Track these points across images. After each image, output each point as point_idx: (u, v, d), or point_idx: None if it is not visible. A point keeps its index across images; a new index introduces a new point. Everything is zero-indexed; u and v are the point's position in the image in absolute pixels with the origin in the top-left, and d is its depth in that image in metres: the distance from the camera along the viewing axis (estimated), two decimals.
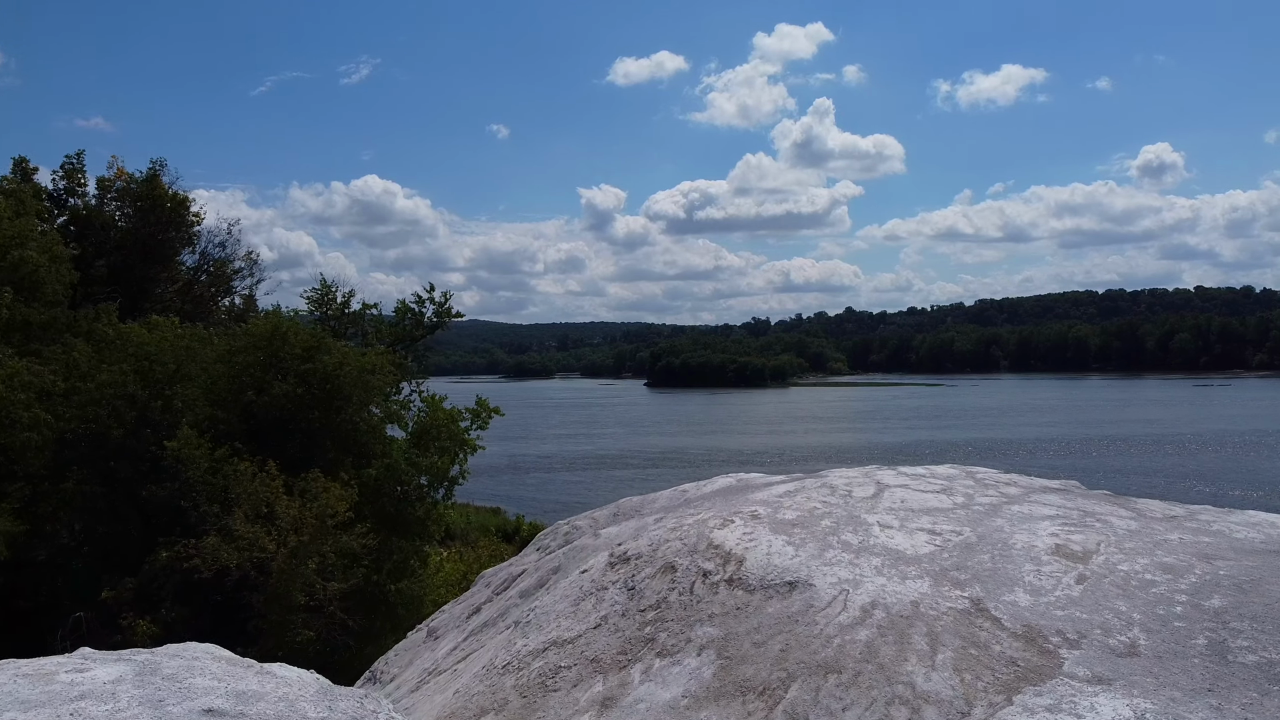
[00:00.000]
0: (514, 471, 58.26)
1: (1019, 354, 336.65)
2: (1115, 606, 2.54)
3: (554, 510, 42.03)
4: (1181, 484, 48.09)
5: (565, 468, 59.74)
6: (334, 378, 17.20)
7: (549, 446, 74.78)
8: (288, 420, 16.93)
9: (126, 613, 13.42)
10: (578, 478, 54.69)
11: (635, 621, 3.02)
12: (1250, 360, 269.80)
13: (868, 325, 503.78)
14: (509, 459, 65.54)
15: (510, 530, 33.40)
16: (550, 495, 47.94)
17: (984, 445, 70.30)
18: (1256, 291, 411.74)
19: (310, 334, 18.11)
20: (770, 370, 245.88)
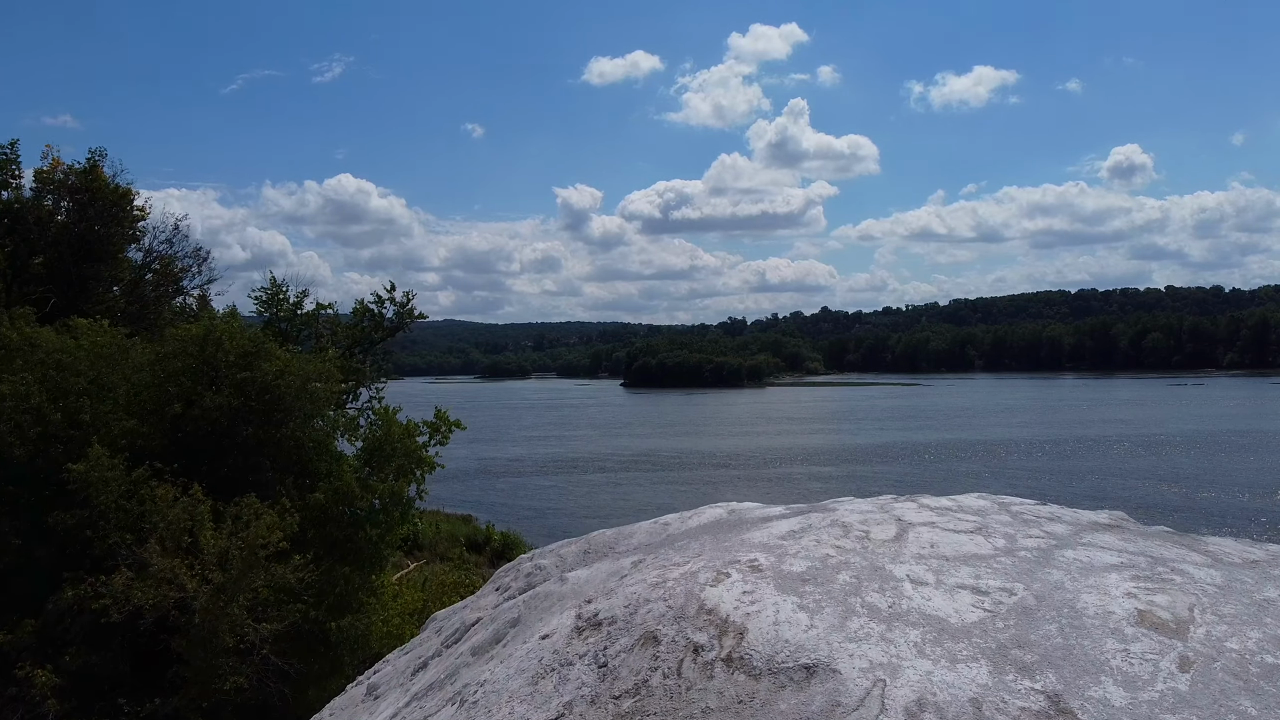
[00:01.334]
0: (484, 476, 56.61)
1: (993, 353, 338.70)
2: (1241, 708, 1.90)
3: (524, 518, 40.49)
4: (1162, 486, 47.26)
5: (536, 471, 58.14)
6: (274, 387, 15.53)
7: (520, 449, 73.13)
8: (221, 436, 15.27)
9: (24, 660, 11.74)
10: (549, 483, 53.13)
11: (608, 713, 2.31)
12: (1221, 359, 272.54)
13: (843, 325, 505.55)
14: (479, 463, 63.85)
15: (480, 540, 31.77)
16: (521, 501, 46.38)
17: (960, 446, 69.41)
18: (1226, 291, 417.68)
19: (248, 338, 16.36)
20: (747, 370, 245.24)
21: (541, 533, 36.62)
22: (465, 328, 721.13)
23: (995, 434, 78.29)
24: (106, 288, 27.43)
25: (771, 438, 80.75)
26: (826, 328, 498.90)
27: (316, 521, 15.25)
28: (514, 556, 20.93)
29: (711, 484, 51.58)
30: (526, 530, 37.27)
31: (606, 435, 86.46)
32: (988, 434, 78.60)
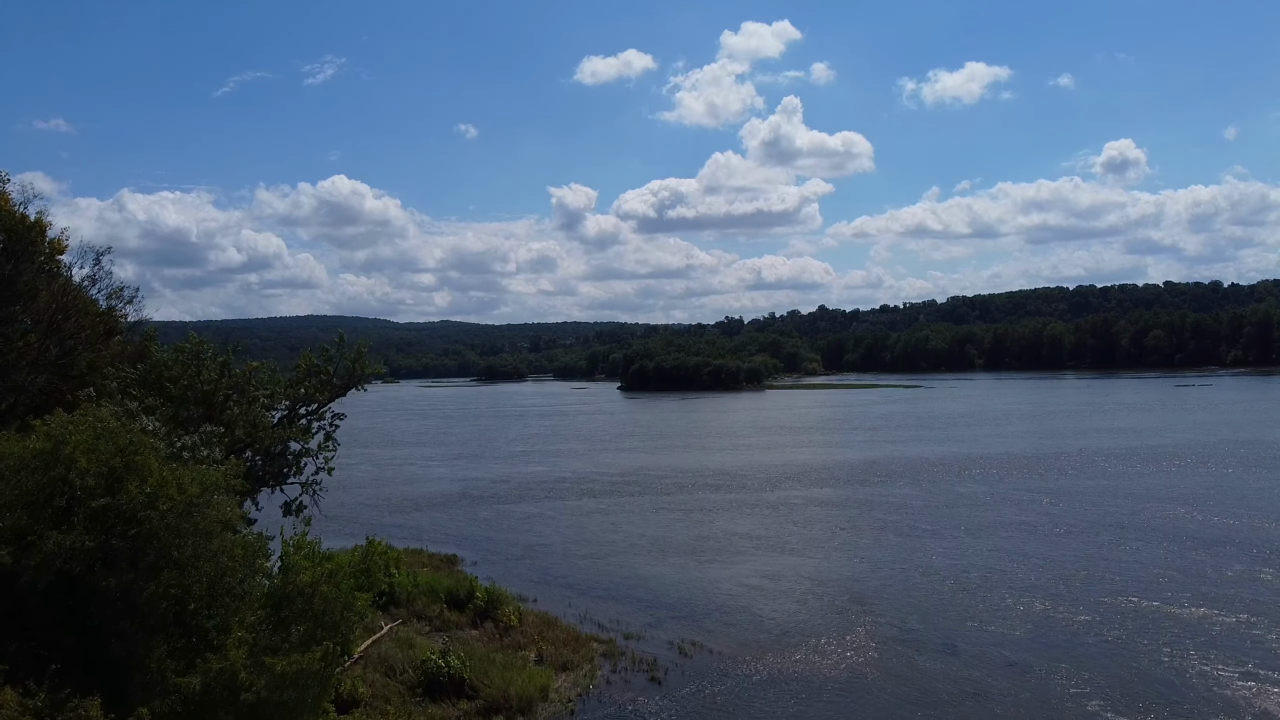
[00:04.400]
0: (467, 502, 53.12)
1: (993, 352, 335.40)
2: None
3: (510, 558, 37.19)
4: (1167, 509, 43.84)
5: (521, 497, 54.55)
6: (144, 519, 11.60)
7: (503, 468, 69.52)
8: (70, 591, 11.36)
9: None
10: (535, 510, 49.57)
11: None
12: (1225, 356, 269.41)
13: (841, 323, 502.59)
14: (463, 485, 60.42)
15: (463, 595, 28.02)
16: (505, 535, 42.87)
17: (960, 463, 66.03)
18: (1225, 287, 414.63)
19: (115, 448, 12.30)
20: (745, 373, 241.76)
21: (529, 580, 33.24)
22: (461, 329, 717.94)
23: (995, 447, 74.86)
24: (18, 332, 23.71)
25: (768, 452, 77.23)
26: (824, 326, 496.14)
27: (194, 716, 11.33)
28: (499, 616, 16.77)
29: (704, 510, 48.16)
30: (512, 576, 33.81)
31: (598, 450, 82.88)
32: (988, 447, 75.18)
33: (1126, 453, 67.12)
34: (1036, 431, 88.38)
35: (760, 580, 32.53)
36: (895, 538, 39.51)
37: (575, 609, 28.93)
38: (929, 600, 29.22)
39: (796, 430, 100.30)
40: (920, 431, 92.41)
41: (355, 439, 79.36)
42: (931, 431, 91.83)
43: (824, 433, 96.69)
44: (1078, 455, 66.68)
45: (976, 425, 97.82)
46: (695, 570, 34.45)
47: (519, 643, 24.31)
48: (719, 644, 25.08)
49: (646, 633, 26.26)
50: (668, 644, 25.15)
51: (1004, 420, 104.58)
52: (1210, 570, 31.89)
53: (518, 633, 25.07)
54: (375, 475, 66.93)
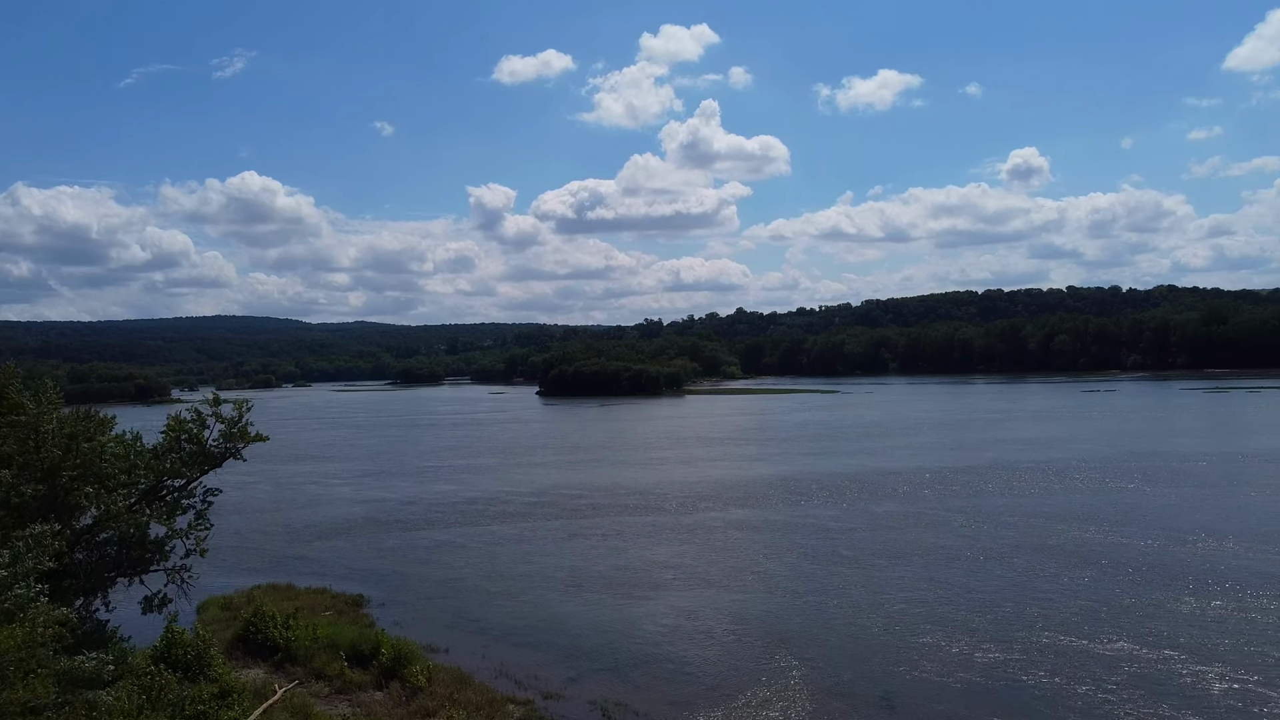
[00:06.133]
0: (373, 529, 50.82)
1: (907, 356, 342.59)
2: None
3: (420, 599, 35.27)
4: (1075, 529, 44.33)
5: (427, 522, 52.46)
6: None
7: (412, 487, 67.14)
8: None
9: None
10: (445, 539, 47.61)
11: None
12: (1125, 360, 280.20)
13: (759, 326, 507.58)
14: (368, 509, 58.02)
15: (367, 651, 26.09)
16: (414, 569, 40.85)
17: (876, 477, 66.35)
18: (1124, 291, 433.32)
19: None
20: (665, 378, 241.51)
21: (440, 624, 31.44)
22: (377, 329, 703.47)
23: (910, 460, 75.53)
24: None
25: (685, 467, 76.48)
26: (742, 329, 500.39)
27: None
28: (407, 675, 14.90)
29: (620, 535, 46.90)
30: (422, 620, 32.01)
31: (512, 465, 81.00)
32: (903, 460, 75.85)
33: (1036, 466, 68.16)
34: (949, 443, 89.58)
35: (682, 619, 31.41)
36: (815, 566, 38.87)
37: (490, 661, 27.36)
38: (857, 641, 28.48)
39: (714, 442, 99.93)
40: (837, 443, 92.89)
41: (257, 453, 75.98)
42: (847, 443, 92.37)
43: (742, 444, 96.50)
44: (989, 470, 67.45)
45: (891, 436, 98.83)
46: (614, 608, 33.18)
47: (428, 708, 22.66)
48: (645, 703, 23.82)
49: (567, 690, 24.85)
50: (590, 704, 23.79)
51: (917, 430, 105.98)
52: (1128, 599, 31.90)
53: (427, 695, 23.40)
54: (275, 497, 64.05)
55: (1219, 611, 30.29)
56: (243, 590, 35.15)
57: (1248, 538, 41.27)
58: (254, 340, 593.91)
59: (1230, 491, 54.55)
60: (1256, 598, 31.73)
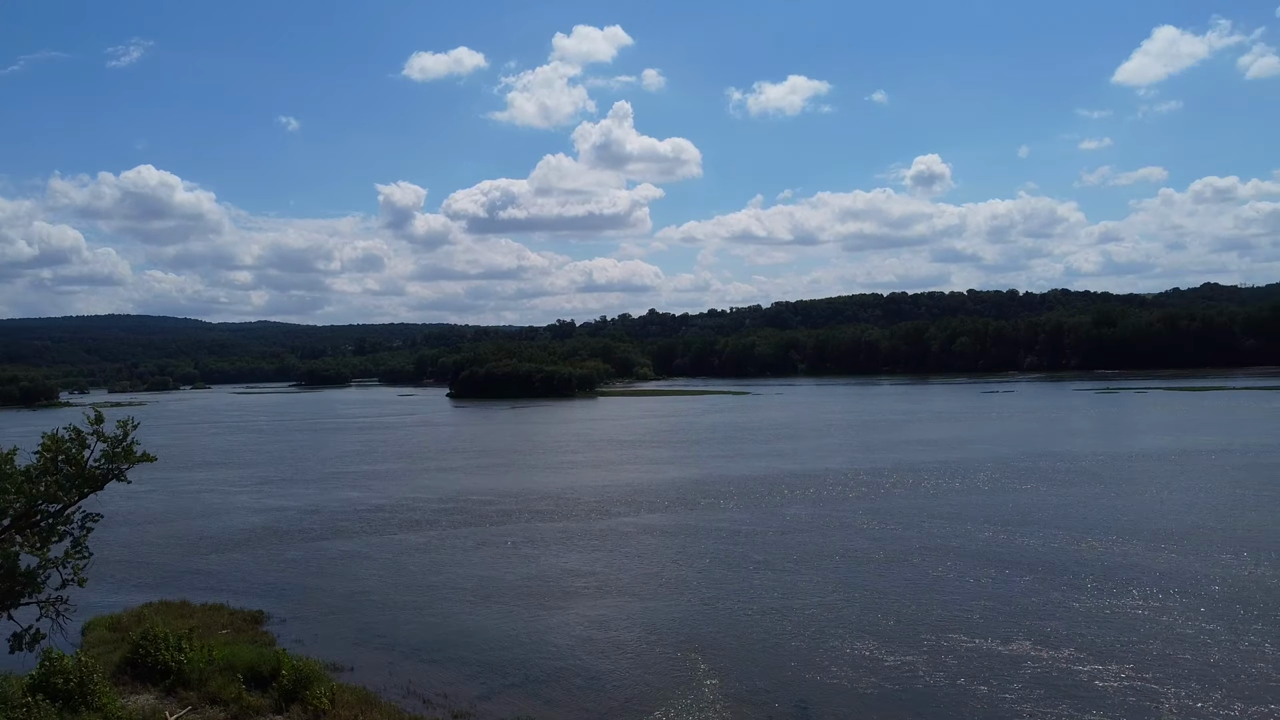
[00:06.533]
0: (274, 540, 49.05)
1: (816, 357, 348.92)
2: None
3: (323, 614, 33.99)
4: (980, 529, 45.56)
5: (331, 531, 50.88)
6: None
7: (316, 495, 65.17)
8: None
9: None
10: (349, 549, 46.23)
11: None
12: (1022, 362, 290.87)
13: (671, 327, 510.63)
14: (268, 519, 56.05)
15: (266, 672, 24.88)
16: (316, 581, 39.51)
17: (785, 479, 67.26)
18: (1020, 294, 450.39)
19: None
20: (578, 379, 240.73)
21: (345, 640, 30.34)
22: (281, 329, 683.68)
23: (818, 462, 76.77)
24: None
25: (597, 471, 76.17)
26: (655, 330, 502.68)
27: None
28: (309, 698, 13.96)
29: (531, 543, 46.28)
30: (326, 637, 30.85)
31: (420, 471, 79.43)
32: (811, 462, 77.05)
33: (939, 467, 69.89)
34: (856, 445, 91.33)
35: (595, 629, 31.05)
36: (727, 570, 38.96)
37: (397, 679, 26.53)
38: (770, 647, 28.55)
39: (627, 444, 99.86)
40: (747, 445, 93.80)
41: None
42: (758, 445, 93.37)
43: (654, 447, 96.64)
44: (895, 471, 68.89)
45: (800, 438, 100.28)
46: (525, 619, 32.63)
47: None
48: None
49: (478, 708, 24.22)
50: None
51: (825, 432, 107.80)
52: (1028, 599, 32.77)
53: (330, 719, 22.52)
54: (168, 507, 61.43)
55: (1113, 609, 31.34)
56: (132, 609, 33.43)
57: (1138, 536, 42.92)
58: (150, 341, 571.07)
59: (1120, 490, 56.77)
60: (1149, 595, 32.94)
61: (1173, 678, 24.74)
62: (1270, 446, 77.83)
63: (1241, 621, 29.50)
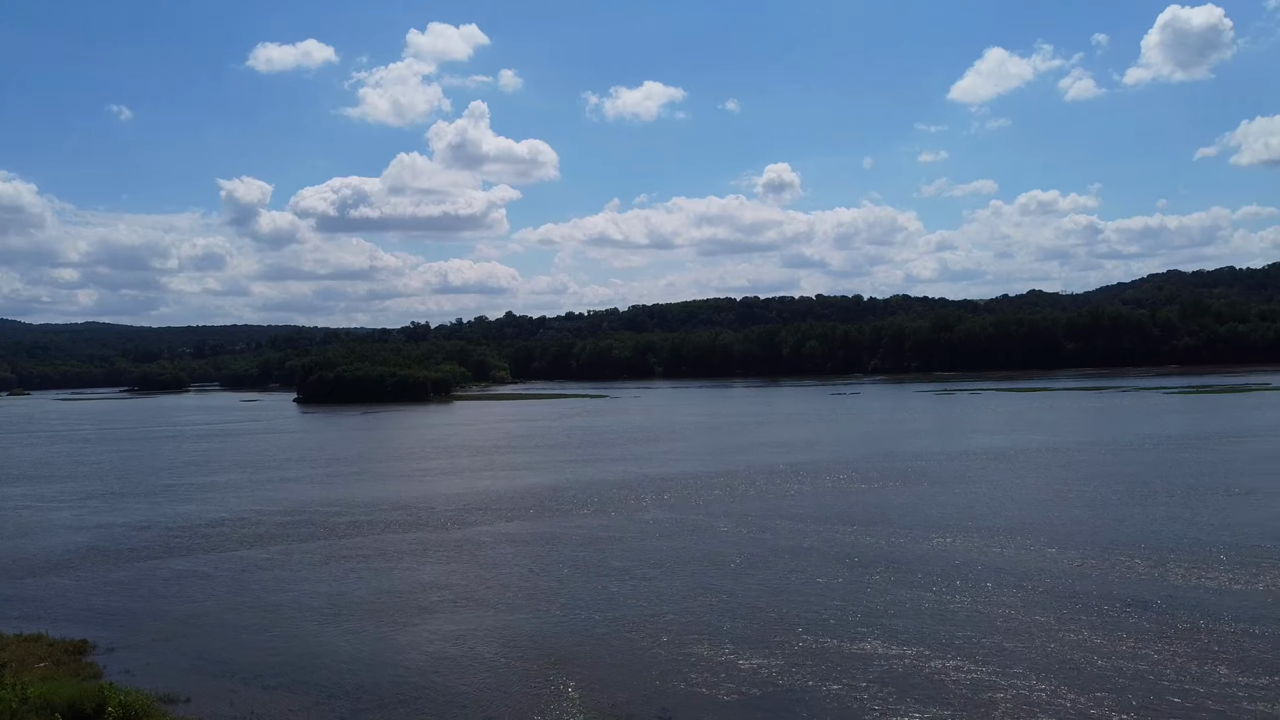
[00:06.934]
0: (99, 561, 45.52)
1: (672, 360, 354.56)
2: None
3: (158, 639, 31.62)
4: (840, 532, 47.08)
5: (164, 549, 47.70)
6: None
7: (147, 510, 61.11)
8: None
9: None
10: (183, 568, 43.43)
11: None
12: (867, 365, 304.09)
13: (528, 330, 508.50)
14: (93, 536, 52.16)
15: (90, 710, 22.70)
16: (146, 603, 36.87)
17: (643, 483, 67.63)
18: (865, 299, 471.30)
19: None
20: (433, 383, 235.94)
21: (181, 669, 28.23)
22: (111, 331, 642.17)
23: (674, 466, 77.72)
24: None
25: (453, 478, 74.68)
26: (511, 333, 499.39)
27: None
28: None
29: (384, 556, 44.75)
30: (159, 666, 28.69)
31: (264, 481, 75.83)
32: (668, 466, 77.91)
33: (791, 469, 71.87)
34: (711, 448, 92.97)
35: (450, 645, 30.19)
36: (585, 579, 38.71)
37: (239, 709, 24.96)
38: (630, 657, 28.41)
39: (483, 450, 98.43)
40: (605, 449, 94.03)
41: None
42: (616, 449, 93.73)
43: (511, 452, 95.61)
44: (749, 473, 70.38)
45: (657, 441, 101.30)
46: (377, 636, 31.41)
47: None
48: None
49: None
50: None
51: (682, 435, 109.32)
52: (877, 598, 33.87)
53: None
54: None
55: (955, 604, 32.77)
56: None
57: (975, 532, 45.15)
58: None
59: (957, 488, 59.74)
60: (986, 589, 34.61)
61: (1009, 669, 25.98)
62: (1088, 444, 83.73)
63: (1069, 612, 31.35)
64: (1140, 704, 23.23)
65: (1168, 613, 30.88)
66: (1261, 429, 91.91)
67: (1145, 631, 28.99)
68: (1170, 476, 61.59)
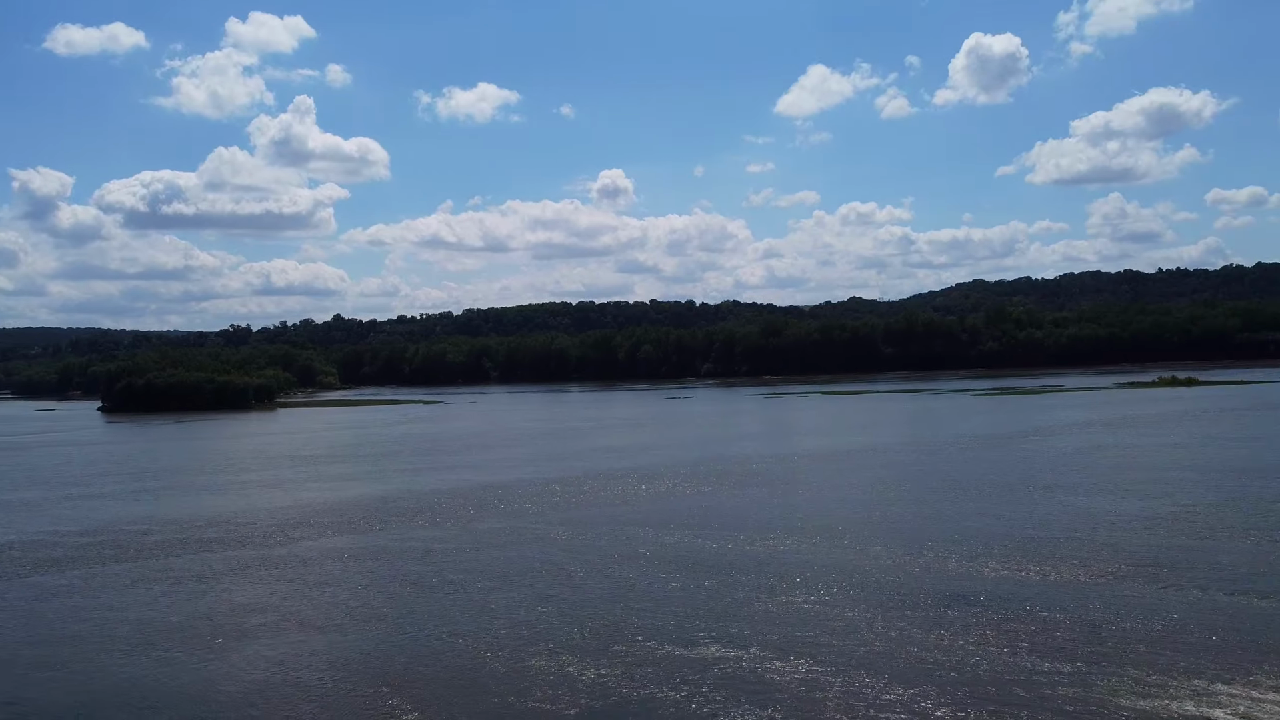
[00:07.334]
0: None
1: (507, 365, 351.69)
2: None
3: None
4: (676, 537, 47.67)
5: None
6: None
7: None
8: None
9: None
10: None
11: None
12: (700, 369, 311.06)
13: (358, 333, 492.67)
14: None
15: None
16: None
17: (478, 491, 66.62)
18: (697, 305, 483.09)
19: None
20: (255, 390, 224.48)
21: None
22: None
23: (510, 473, 76.96)
24: None
25: (276, 491, 71.08)
26: (340, 336, 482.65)
27: None
28: None
29: (199, 577, 41.96)
30: None
31: (62, 499, 69.83)
32: (503, 473, 77.06)
33: (627, 474, 72.34)
34: (547, 454, 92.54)
35: (274, 671, 28.49)
36: (419, 594, 37.50)
37: None
38: (468, 674, 27.62)
39: (309, 460, 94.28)
40: (439, 457, 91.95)
41: None
42: (450, 456, 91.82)
43: (339, 462, 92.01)
44: (585, 479, 70.37)
45: (492, 448, 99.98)
46: (193, 665, 29.29)
47: None
48: None
49: None
50: None
51: (518, 441, 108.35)
52: (714, 602, 34.35)
53: None
54: None
55: (789, 605, 33.65)
56: None
57: (805, 533, 46.66)
58: None
59: (788, 490, 61.70)
60: (817, 589, 35.71)
61: (841, 667, 26.84)
62: (906, 444, 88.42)
63: (893, 608, 32.77)
64: (958, 696, 24.46)
65: (981, 605, 32.76)
66: (1056, 428, 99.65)
67: (961, 624, 30.63)
68: (979, 474, 65.74)
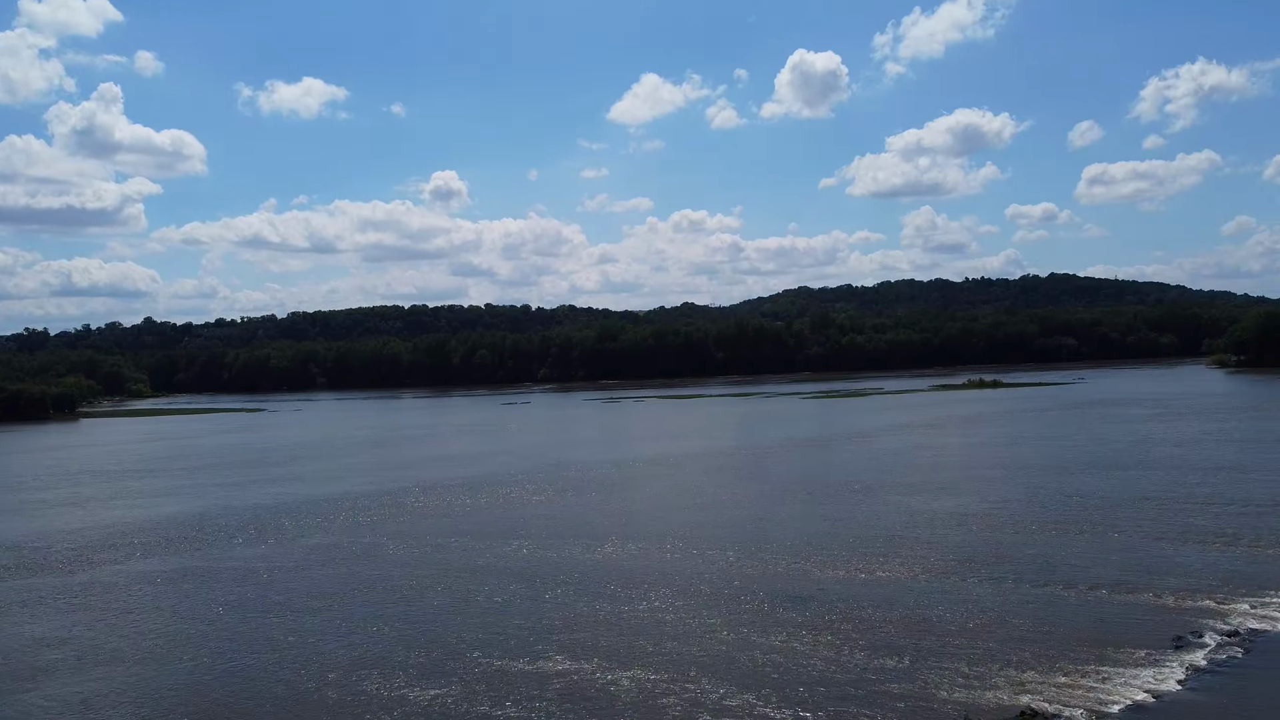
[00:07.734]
0: None
1: (336, 371, 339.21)
2: None
3: None
4: (521, 547, 47.08)
5: None
6: None
7: None
8: None
9: None
10: None
11: None
12: (537, 374, 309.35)
13: (172, 338, 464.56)
14: None
15: None
16: None
17: (303, 506, 63.75)
18: (533, 309, 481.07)
19: None
20: (54, 399, 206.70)
21: None
22: None
23: (338, 486, 74.15)
24: None
25: (78, 510, 65.60)
26: (151, 340, 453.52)
27: None
28: None
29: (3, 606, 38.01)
30: None
31: None
32: (330, 486, 74.18)
33: (461, 483, 70.89)
34: (378, 463, 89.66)
35: (75, 713, 26.08)
36: (241, 619, 35.31)
37: None
38: (294, 704, 26.12)
39: (115, 475, 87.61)
40: (261, 469, 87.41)
41: None
42: (273, 468, 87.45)
43: (149, 477, 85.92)
44: (419, 490, 68.49)
45: (320, 458, 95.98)
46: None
47: None
48: None
49: None
50: None
51: (347, 450, 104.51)
52: (556, 613, 33.97)
53: None
54: None
55: (631, 613, 33.66)
56: None
57: (645, 539, 46.94)
58: None
59: (626, 496, 62.05)
60: (659, 595, 35.92)
61: (683, 674, 27.02)
62: (737, 448, 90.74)
63: (730, 611, 33.35)
64: (797, 696, 25.06)
65: (814, 606, 33.79)
66: (877, 429, 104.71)
67: (795, 624, 31.48)
68: (808, 476, 68.13)
